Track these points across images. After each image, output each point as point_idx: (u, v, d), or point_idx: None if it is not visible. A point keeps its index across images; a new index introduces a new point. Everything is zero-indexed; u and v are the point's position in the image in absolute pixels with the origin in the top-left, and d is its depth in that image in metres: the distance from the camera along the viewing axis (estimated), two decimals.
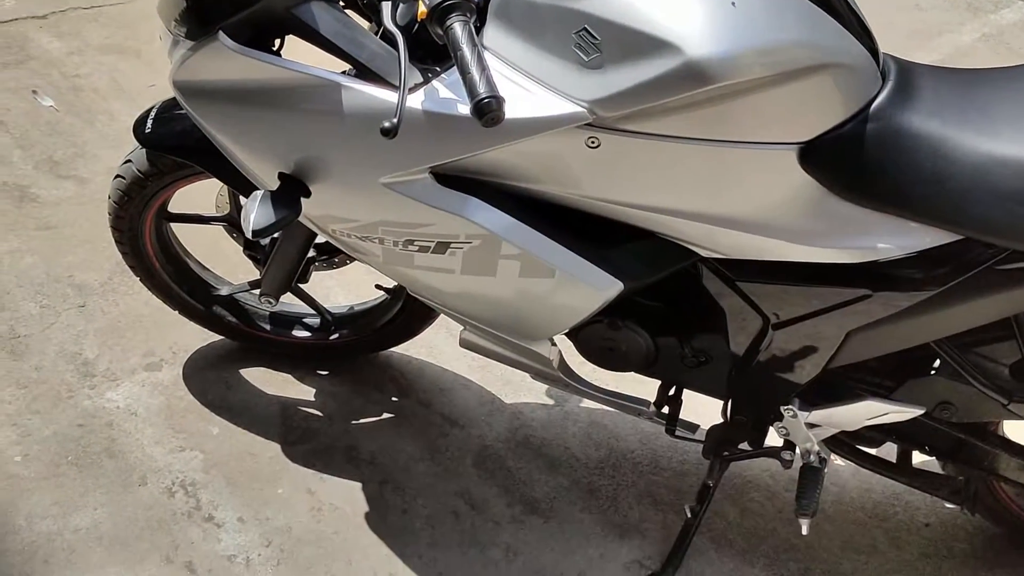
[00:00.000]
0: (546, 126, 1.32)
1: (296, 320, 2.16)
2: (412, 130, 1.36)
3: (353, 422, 2.07)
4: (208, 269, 2.12)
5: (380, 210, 1.47)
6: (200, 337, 2.19)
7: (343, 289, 2.30)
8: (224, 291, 2.10)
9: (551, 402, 2.14)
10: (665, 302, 1.64)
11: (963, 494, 1.71)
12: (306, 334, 2.15)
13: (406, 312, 2.02)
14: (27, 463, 1.90)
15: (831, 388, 1.65)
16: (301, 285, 2.03)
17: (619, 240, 1.49)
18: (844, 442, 1.77)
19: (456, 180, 1.43)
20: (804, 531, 1.66)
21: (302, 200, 1.49)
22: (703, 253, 1.47)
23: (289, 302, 2.11)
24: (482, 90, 1.18)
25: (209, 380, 2.12)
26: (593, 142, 1.34)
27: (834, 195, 1.37)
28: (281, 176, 1.49)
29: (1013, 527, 1.86)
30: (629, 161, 1.37)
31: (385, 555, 1.81)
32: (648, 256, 1.50)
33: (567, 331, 1.67)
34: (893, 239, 1.38)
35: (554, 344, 1.72)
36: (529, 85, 1.33)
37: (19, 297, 2.25)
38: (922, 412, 1.59)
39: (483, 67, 1.20)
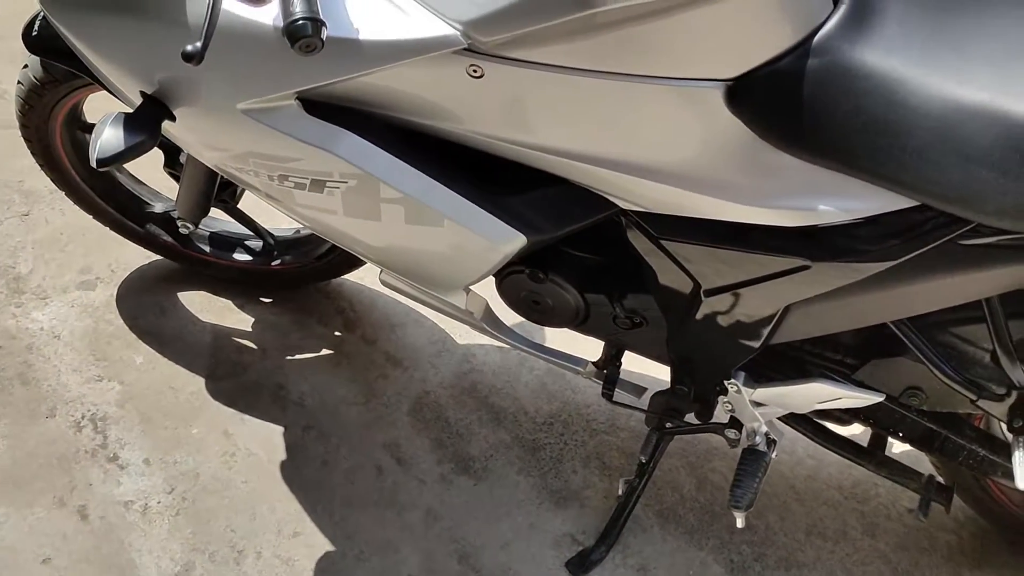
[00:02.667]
0: (416, 51, 1.10)
1: (238, 243, 2.00)
2: (269, 50, 1.15)
3: (288, 357, 1.92)
4: (143, 184, 1.96)
5: (244, 141, 1.27)
6: (143, 255, 2.04)
7: None
8: (158, 208, 1.95)
9: (518, 333, 1.95)
10: (593, 255, 1.42)
11: (932, 489, 1.47)
12: (247, 258, 1.98)
13: None
14: None
15: (781, 363, 1.42)
16: (238, 205, 1.86)
17: (522, 187, 1.27)
18: (807, 418, 1.54)
19: (329, 110, 1.23)
20: (739, 524, 1.45)
21: (170, 124, 1.31)
22: (621, 204, 1.25)
23: (233, 223, 1.95)
24: (297, 9, 0.97)
25: (143, 303, 1.98)
26: (475, 71, 1.12)
27: (767, 144, 1.12)
28: (143, 95, 1.30)
29: (1003, 523, 1.62)
30: (518, 95, 1.14)
31: (294, 511, 1.67)
32: (557, 206, 1.28)
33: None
34: (836, 200, 1.13)
35: (472, 293, 1.52)
36: (402, 1, 1.11)
37: None
38: (882, 399, 1.35)
39: None
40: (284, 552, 1.62)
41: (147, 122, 1.29)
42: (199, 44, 1.01)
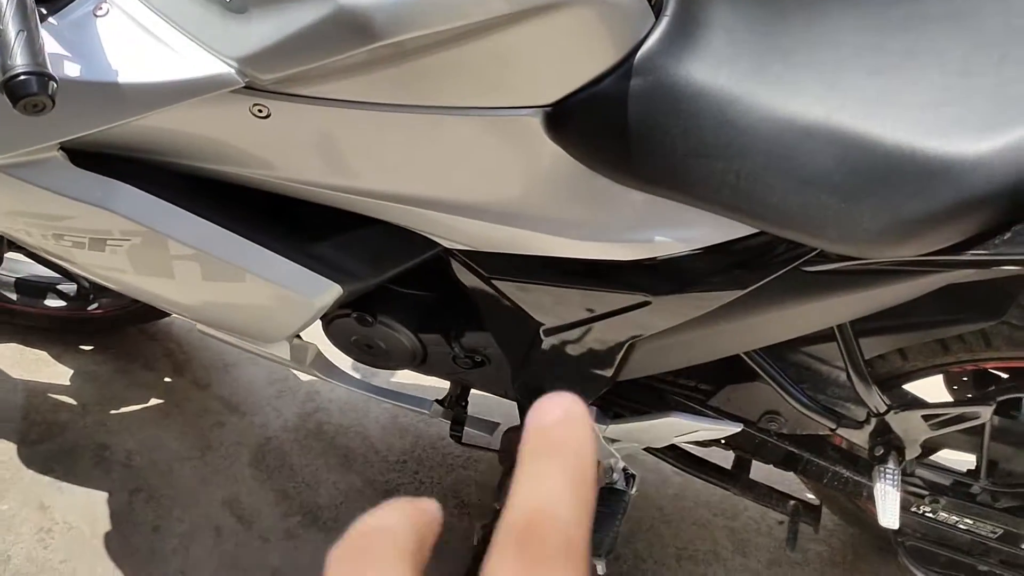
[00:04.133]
0: (190, 91, 0.96)
1: (48, 288, 1.81)
2: None
3: (112, 412, 1.74)
4: None
5: (4, 200, 1.11)
6: None
7: None
8: None
9: (359, 378, 1.82)
10: (424, 293, 1.30)
11: (799, 516, 1.40)
12: (60, 304, 1.80)
13: None
14: None
15: (633, 395, 1.33)
16: None
17: (333, 231, 1.15)
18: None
19: (100, 160, 1.07)
20: (599, 570, 1.36)
21: None
22: (444, 244, 1.13)
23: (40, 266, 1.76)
24: (18, 61, 0.82)
25: None
26: (260, 110, 0.98)
27: (594, 173, 1.01)
28: None
29: (873, 530, 1.57)
30: (312, 134, 1.01)
31: None
32: (374, 249, 1.16)
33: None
34: (671, 231, 1.03)
35: (298, 341, 1.39)
36: (170, 36, 0.96)
37: None
38: (739, 429, 1.27)
39: (27, 26, 0.83)
40: None
41: None
42: None
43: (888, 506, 1.20)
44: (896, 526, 1.21)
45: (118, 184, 1.07)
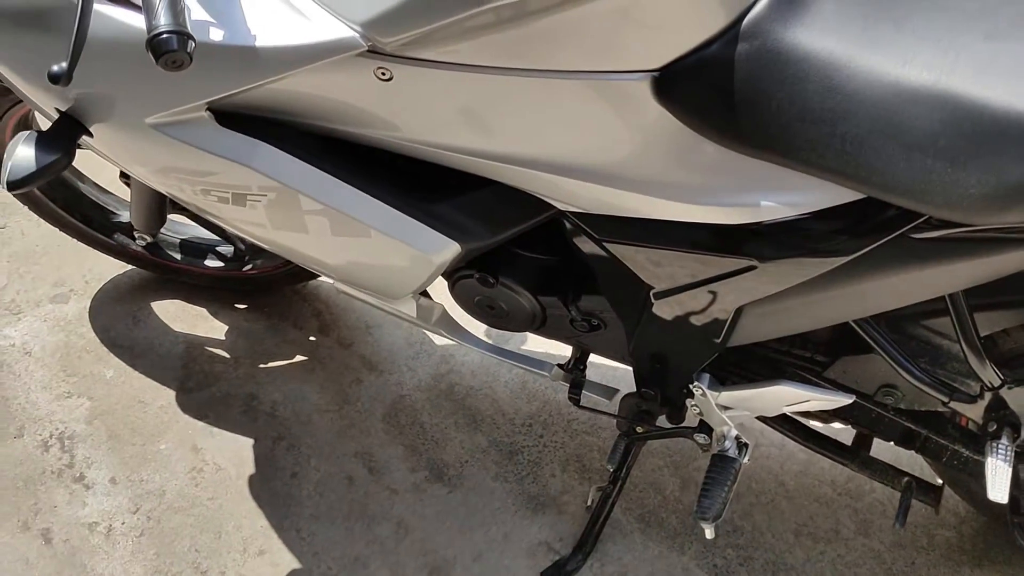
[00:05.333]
0: (317, 55, 1.03)
1: (208, 249, 1.95)
2: None
3: (261, 365, 1.86)
4: (108, 192, 1.92)
5: (160, 156, 1.21)
6: (117, 265, 2.00)
7: None
8: (126, 217, 1.90)
9: (489, 341, 1.88)
10: (543, 256, 1.34)
11: (911, 494, 1.37)
12: (218, 264, 1.94)
13: None
14: None
15: (748, 363, 1.34)
16: None
17: (453, 191, 1.20)
18: (786, 416, 1.45)
19: (243, 120, 1.16)
20: (708, 535, 1.37)
21: (90, 140, 1.26)
22: (558, 206, 1.17)
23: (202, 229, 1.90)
24: (161, 21, 0.91)
25: (116, 315, 1.94)
26: (383, 73, 1.05)
27: (701, 138, 1.03)
28: (58, 112, 1.25)
29: (1003, 517, 1.52)
30: (431, 97, 1.07)
31: (261, 528, 1.62)
32: (491, 210, 1.21)
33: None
34: (778, 195, 1.04)
35: (424, 299, 1.46)
36: (301, 2, 1.04)
37: None
38: (850, 400, 1.26)
39: None
40: (249, 572, 1.57)
41: (61, 140, 1.23)
42: (65, 64, 0.95)
43: (998, 481, 1.17)
44: (1004, 500, 1.17)
45: (258, 143, 1.16)
